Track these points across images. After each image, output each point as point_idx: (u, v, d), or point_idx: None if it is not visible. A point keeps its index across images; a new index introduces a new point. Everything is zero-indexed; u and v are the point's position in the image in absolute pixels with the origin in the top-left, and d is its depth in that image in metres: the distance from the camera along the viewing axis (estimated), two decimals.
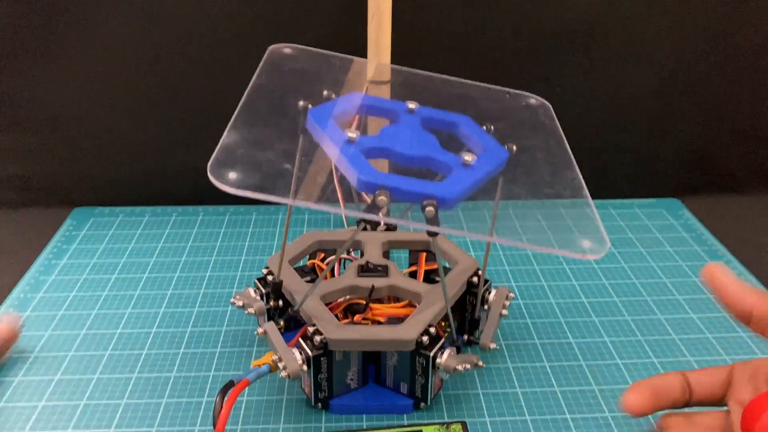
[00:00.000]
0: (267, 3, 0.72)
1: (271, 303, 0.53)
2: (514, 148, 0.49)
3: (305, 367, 0.47)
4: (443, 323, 0.53)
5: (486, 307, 0.54)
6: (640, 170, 0.83)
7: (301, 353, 0.48)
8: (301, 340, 0.48)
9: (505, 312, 0.54)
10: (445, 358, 0.48)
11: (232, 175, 0.42)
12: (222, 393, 0.44)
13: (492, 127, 0.51)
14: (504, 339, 0.58)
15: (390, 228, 0.60)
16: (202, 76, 0.75)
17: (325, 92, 0.51)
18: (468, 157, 0.45)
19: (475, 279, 0.54)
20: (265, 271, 0.55)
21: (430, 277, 0.57)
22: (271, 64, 0.55)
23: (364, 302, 0.52)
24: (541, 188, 0.48)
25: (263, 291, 0.54)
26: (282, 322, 0.52)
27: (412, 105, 0.52)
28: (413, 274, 0.57)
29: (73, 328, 0.59)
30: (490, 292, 0.55)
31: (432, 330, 0.48)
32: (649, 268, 0.69)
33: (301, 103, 0.49)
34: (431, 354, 0.48)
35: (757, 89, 0.80)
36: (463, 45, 0.75)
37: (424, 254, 0.58)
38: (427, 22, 0.74)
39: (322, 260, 0.58)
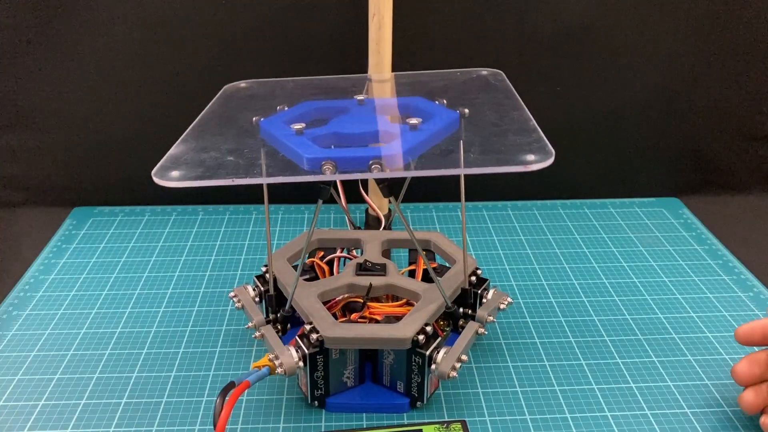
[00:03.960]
0: (268, 3, 0.72)
1: (270, 316, 0.53)
2: (466, 111, 0.51)
3: (301, 363, 0.47)
4: (441, 322, 0.53)
5: (484, 300, 0.54)
6: (640, 169, 0.82)
7: (297, 351, 0.48)
8: (297, 339, 0.48)
9: (503, 306, 0.54)
10: (440, 359, 0.48)
11: (175, 173, 0.44)
12: (222, 394, 0.44)
13: (445, 101, 0.53)
14: (504, 338, 0.58)
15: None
16: (203, 77, 0.75)
17: (278, 107, 0.53)
18: (414, 121, 0.48)
19: (473, 278, 0.54)
20: (264, 269, 0.55)
21: (429, 277, 0.57)
22: (224, 97, 0.59)
23: (362, 300, 0.52)
24: (490, 128, 0.51)
25: (261, 289, 0.54)
26: (279, 326, 0.52)
27: (360, 97, 0.54)
28: (412, 273, 0.57)
29: (72, 327, 0.59)
30: (488, 291, 0.55)
31: (428, 329, 0.48)
32: (649, 267, 0.69)
33: (254, 118, 0.51)
34: (427, 353, 0.48)
35: (757, 89, 0.79)
36: (463, 45, 0.75)
37: (424, 253, 0.58)
38: (428, 22, 0.74)
39: (322, 258, 0.58)
